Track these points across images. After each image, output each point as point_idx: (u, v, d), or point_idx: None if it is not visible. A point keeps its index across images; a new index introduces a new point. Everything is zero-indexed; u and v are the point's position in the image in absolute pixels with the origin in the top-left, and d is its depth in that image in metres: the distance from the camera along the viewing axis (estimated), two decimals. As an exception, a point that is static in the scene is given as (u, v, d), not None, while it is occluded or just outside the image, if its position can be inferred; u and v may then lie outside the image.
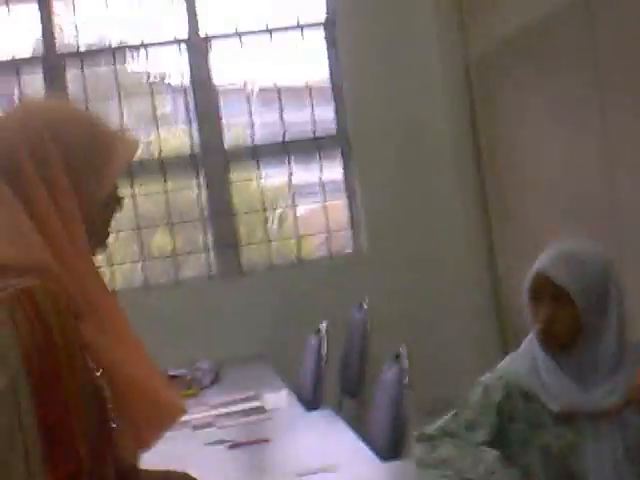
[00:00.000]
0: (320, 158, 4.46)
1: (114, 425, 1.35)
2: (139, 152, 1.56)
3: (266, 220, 4.44)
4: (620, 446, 1.91)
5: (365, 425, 2.94)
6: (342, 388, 3.77)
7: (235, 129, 4.64)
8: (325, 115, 4.57)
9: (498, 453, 1.95)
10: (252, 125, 4.47)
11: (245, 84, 4.50)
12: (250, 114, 4.46)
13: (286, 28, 4.49)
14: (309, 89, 4.50)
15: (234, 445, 2.60)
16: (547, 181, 3.75)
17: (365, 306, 3.79)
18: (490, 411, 1.99)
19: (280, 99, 4.45)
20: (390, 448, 2.51)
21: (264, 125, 4.71)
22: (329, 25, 4.46)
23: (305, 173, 4.76)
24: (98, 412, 1.31)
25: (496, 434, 1.99)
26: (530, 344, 2.02)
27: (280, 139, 4.46)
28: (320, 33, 4.52)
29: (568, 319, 1.91)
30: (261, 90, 4.78)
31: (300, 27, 4.48)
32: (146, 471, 1.61)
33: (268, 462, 2.41)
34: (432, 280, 4.28)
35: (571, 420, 1.94)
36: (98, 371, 1.32)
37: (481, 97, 4.26)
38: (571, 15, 3.36)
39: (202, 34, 4.38)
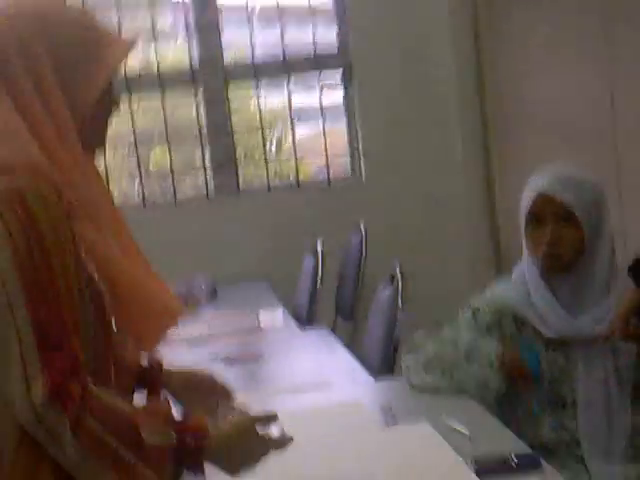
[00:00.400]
0: (320, 77, 4.40)
1: (114, 328, 1.36)
2: (136, 60, 1.53)
3: (264, 141, 4.41)
4: (610, 372, 1.94)
5: (358, 346, 2.98)
6: (337, 309, 3.81)
7: (235, 48, 4.57)
8: (327, 38, 4.50)
9: (475, 335, 1.98)
10: (252, 44, 4.40)
11: (247, 2, 4.42)
12: (251, 33, 4.39)
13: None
14: (311, 9, 4.41)
15: (229, 360, 2.63)
16: (548, 107, 3.73)
17: (362, 228, 3.80)
18: (479, 334, 2.01)
19: (281, 18, 4.37)
20: (383, 367, 2.54)
21: (264, 45, 4.63)
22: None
23: (305, 97, 4.71)
24: (97, 315, 1.32)
25: None
26: (521, 270, 2.04)
27: (281, 59, 4.39)
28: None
29: (573, 240, 1.92)
30: (262, 9, 4.69)
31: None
32: (170, 370, 1.64)
33: (262, 378, 2.45)
34: (429, 204, 4.28)
35: (562, 346, 1.97)
36: (95, 273, 1.33)
37: (486, 22, 4.20)
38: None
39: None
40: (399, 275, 2.69)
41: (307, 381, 2.32)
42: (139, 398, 1.58)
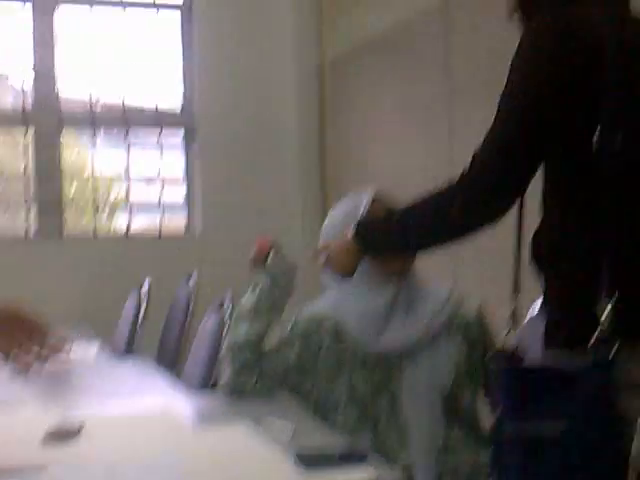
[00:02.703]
0: (161, 136, 4.30)
1: None
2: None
3: (95, 189, 4.20)
4: (431, 381, 1.85)
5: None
6: (158, 359, 3.57)
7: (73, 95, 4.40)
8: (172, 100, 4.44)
9: None
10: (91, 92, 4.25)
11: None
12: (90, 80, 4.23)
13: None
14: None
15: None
16: (393, 181, 3.70)
17: (193, 279, 3.63)
18: (294, 341, 1.87)
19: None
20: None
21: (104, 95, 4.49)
22: (186, 5, 4.35)
23: (144, 154, 4.58)
24: None
25: (301, 362, 1.87)
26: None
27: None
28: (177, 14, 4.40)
29: None
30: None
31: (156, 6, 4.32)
32: None
33: (69, 391, 2.20)
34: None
35: (380, 361, 1.85)
36: None
37: (332, 97, 4.25)
38: (427, 21, 3.37)
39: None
40: (228, 302, 2.55)
41: (117, 391, 2.11)
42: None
